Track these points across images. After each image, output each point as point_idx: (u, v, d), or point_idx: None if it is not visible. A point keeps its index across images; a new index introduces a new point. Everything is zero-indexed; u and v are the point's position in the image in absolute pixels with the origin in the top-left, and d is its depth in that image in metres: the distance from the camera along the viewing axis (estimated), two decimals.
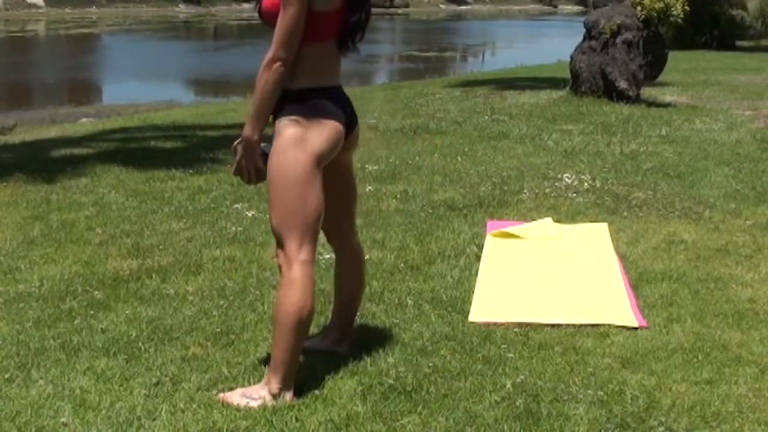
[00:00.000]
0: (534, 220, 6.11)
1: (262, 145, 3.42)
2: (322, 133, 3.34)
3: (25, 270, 4.95)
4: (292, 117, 3.32)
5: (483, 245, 5.47)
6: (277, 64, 3.26)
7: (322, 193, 3.37)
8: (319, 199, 3.36)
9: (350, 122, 3.49)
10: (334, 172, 3.51)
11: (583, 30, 12.77)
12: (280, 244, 3.35)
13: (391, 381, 3.52)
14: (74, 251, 5.30)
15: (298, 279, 3.31)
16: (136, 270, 4.92)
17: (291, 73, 3.33)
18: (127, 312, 4.28)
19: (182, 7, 79.72)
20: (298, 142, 3.30)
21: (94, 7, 74.31)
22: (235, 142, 3.43)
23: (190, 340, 3.95)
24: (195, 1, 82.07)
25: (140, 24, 57.74)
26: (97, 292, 4.57)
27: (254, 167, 3.40)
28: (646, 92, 12.73)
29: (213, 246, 5.40)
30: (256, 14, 3.47)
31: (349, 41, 3.43)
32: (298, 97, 3.34)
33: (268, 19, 3.35)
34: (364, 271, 3.87)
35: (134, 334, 4.00)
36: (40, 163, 8.09)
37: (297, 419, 3.23)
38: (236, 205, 6.28)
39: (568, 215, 6.29)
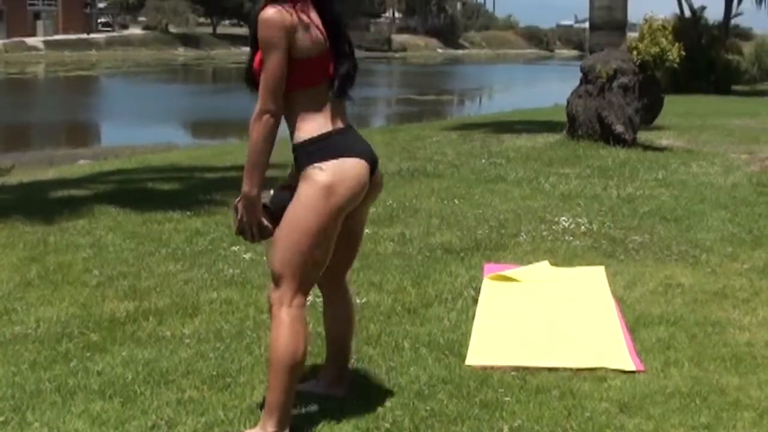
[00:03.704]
0: (531, 263, 6.11)
1: (264, 200, 3.40)
2: (348, 178, 3.32)
3: (21, 312, 4.94)
4: (315, 165, 3.31)
5: (480, 288, 5.47)
6: (266, 116, 3.27)
7: (333, 246, 3.38)
8: (329, 252, 3.38)
9: (372, 163, 3.46)
10: (348, 221, 3.47)
11: (580, 74, 12.84)
12: (277, 284, 3.35)
13: (387, 425, 3.51)
14: (71, 293, 5.29)
15: (287, 322, 3.32)
16: (132, 312, 4.91)
17: (295, 126, 3.35)
18: (123, 354, 4.27)
19: (181, 50, 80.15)
20: (323, 191, 3.28)
21: (93, 49, 74.65)
22: (235, 201, 3.41)
23: (186, 383, 3.93)
24: (194, 45, 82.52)
25: (139, 66, 58.01)
26: (93, 334, 4.55)
27: (257, 224, 3.38)
28: (643, 136, 12.78)
29: (210, 288, 5.39)
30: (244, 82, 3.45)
31: (341, 89, 3.41)
32: (311, 146, 3.33)
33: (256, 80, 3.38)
34: (353, 312, 3.86)
35: (130, 377, 3.98)
36: (38, 204, 8.09)
37: None
38: (233, 248, 6.28)
39: (565, 259, 6.29)
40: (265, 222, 3.38)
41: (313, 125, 3.35)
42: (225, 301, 5.14)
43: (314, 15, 3.36)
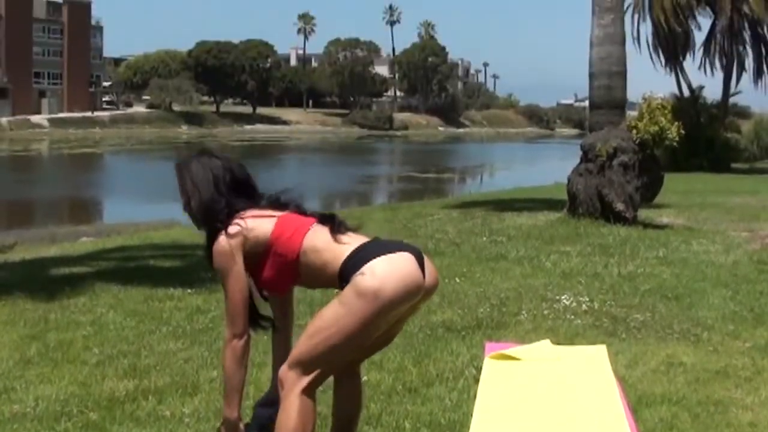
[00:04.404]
0: (532, 341, 6.08)
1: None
2: (396, 276, 3.21)
3: (20, 390, 4.92)
4: (357, 273, 3.21)
5: (481, 367, 5.43)
6: (234, 341, 3.35)
7: (367, 344, 3.34)
8: (359, 351, 3.36)
9: (417, 256, 3.34)
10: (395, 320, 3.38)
11: (580, 152, 12.95)
12: (293, 366, 3.29)
13: None
14: (71, 371, 5.27)
15: (297, 406, 3.27)
16: (132, 391, 4.89)
17: (326, 271, 3.30)
18: None
19: (184, 128, 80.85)
20: (366, 297, 3.18)
21: (97, 127, 75.33)
22: (219, 424, 3.48)
23: None
24: (197, 122, 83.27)
25: (143, 144, 58.45)
26: (92, 413, 4.53)
27: None
28: (643, 214, 12.83)
29: (210, 367, 5.37)
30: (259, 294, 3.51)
31: (338, 228, 3.37)
32: (346, 265, 3.25)
33: (273, 289, 3.46)
34: (362, 393, 3.84)
35: None
36: (40, 281, 8.10)
37: None
38: None
39: (566, 337, 6.28)
40: None
41: (338, 253, 3.28)
42: None
43: (259, 210, 3.40)
